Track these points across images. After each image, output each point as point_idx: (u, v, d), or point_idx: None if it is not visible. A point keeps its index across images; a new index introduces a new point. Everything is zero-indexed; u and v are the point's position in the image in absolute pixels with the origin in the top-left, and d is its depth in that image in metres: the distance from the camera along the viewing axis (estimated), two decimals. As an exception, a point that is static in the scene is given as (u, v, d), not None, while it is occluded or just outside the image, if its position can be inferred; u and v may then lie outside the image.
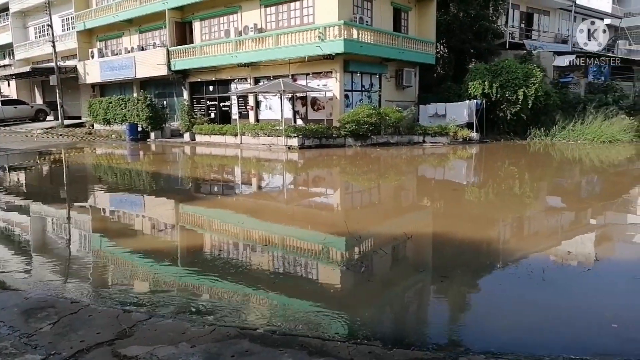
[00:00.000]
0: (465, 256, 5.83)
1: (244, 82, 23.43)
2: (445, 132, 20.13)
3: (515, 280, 4.88)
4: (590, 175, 13.17)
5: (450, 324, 3.98)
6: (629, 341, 3.52)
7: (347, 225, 7.01)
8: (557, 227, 7.62)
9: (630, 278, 5.03)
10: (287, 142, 19.00)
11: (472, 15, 24.59)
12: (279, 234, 7.06)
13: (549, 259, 5.70)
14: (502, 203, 9.39)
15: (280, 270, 5.23)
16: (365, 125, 19.26)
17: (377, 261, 5.66)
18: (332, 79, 20.29)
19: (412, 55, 22.10)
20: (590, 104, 22.11)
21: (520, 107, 20.76)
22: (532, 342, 3.48)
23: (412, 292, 4.80)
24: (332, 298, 4.41)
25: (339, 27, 18.59)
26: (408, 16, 23.22)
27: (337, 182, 12.65)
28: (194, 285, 4.79)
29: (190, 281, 4.88)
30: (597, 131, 20.42)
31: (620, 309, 4.14)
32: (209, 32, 24.50)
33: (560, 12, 32.11)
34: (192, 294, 4.57)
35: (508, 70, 21.08)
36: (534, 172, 13.56)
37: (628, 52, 34.95)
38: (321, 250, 6.13)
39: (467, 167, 15.56)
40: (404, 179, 12.80)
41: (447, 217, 8.27)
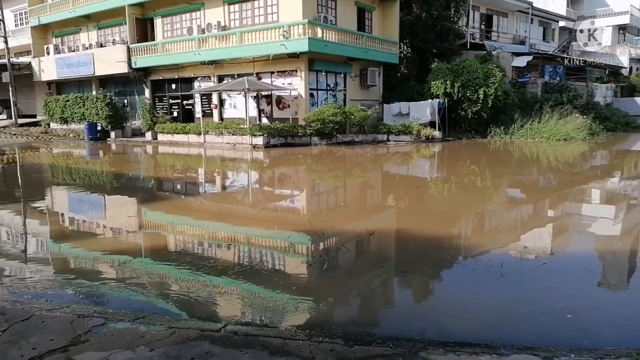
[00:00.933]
0: (427, 251, 5.94)
1: (207, 80, 23.09)
2: (408, 131, 20.44)
3: (475, 275, 5.00)
4: (547, 172, 13.64)
5: (411, 319, 4.03)
6: (582, 330, 3.66)
7: (311, 223, 7.02)
8: (516, 222, 7.85)
9: (583, 270, 5.24)
10: (252, 140, 18.85)
11: (434, 16, 25.06)
12: (243, 233, 7.00)
13: (507, 254, 5.86)
14: (463, 199, 9.61)
15: (243, 270, 5.18)
16: (330, 124, 19.33)
17: (340, 258, 5.69)
18: (297, 78, 20.26)
19: (376, 55, 22.32)
20: (547, 103, 22.95)
21: (481, 106, 21.31)
22: (490, 334, 3.57)
23: (373, 288, 4.85)
24: (295, 296, 4.40)
25: (303, 25, 18.58)
26: (372, 16, 23.44)
27: (303, 181, 12.64)
28: (154, 287, 4.68)
29: (150, 284, 4.77)
30: (553, 129, 21.19)
31: (574, 300, 4.30)
32: (171, 30, 24.01)
33: (518, 14, 33.13)
34: (153, 296, 4.47)
35: (469, 70, 21.59)
36: (495, 170, 13.94)
37: (581, 54, 36.38)
38: (285, 249, 6.11)
39: (430, 165, 15.85)
40: (369, 177, 12.91)
41: (409, 214, 8.40)
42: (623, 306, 4.29)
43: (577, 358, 3.01)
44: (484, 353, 3.07)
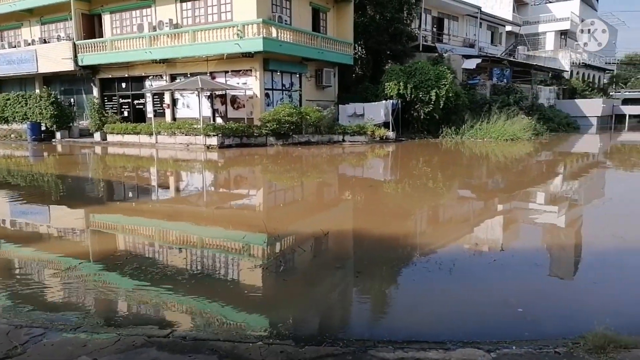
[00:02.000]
0: (381, 250, 6.02)
1: (159, 79, 22.51)
2: (363, 132, 20.69)
3: (427, 273, 5.11)
4: (497, 171, 14.16)
5: (363, 318, 4.08)
6: (534, 323, 3.80)
7: (265, 225, 6.98)
8: (467, 220, 8.10)
9: (532, 265, 5.46)
10: (206, 141, 18.53)
11: (387, 18, 25.47)
12: (195, 236, 6.86)
13: (459, 251, 6.03)
14: (416, 198, 9.82)
15: (195, 273, 5.07)
16: (286, 124, 19.29)
17: (295, 259, 5.68)
18: (252, 77, 20.09)
19: (331, 56, 22.46)
20: (495, 105, 23.84)
21: (433, 107, 21.85)
22: (442, 331, 3.66)
23: (328, 288, 4.86)
24: (248, 298, 4.36)
25: (257, 25, 18.44)
26: (327, 17, 23.57)
27: (258, 182, 12.54)
28: (100, 294, 4.51)
29: (96, 290, 4.58)
30: (501, 130, 22.03)
31: (525, 294, 4.47)
32: (120, 26, 23.23)
33: (468, 18, 34.22)
34: (97, 303, 4.30)
35: (421, 72, 22.10)
36: (446, 169, 14.33)
37: (527, 57, 38.04)
38: (239, 251, 6.03)
39: (384, 164, 16.10)
40: (324, 178, 12.97)
41: (364, 213, 8.49)
42: (568, 298, 4.50)
43: (518, 349, 3.13)
44: (431, 349, 3.14)
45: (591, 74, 44.37)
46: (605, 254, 5.87)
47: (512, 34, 40.25)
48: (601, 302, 4.33)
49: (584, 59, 41.64)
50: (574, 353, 3.03)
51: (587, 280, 5.00)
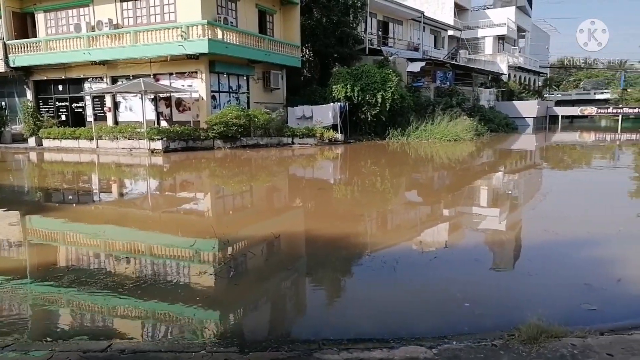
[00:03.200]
0: (330, 251, 6.05)
1: (99, 82, 21.61)
2: (312, 134, 20.77)
3: (374, 272, 5.19)
4: (441, 170, 14.61)
5: (311, 320, 4.08)
6: (481, 316, 3.93)
7: (214, 230, 6.85)
8: (412, 219, 8.30)
9: (473, 260, 5.66)
10: (150, 145, 17.97)
11: (334, 21, 25.72)
12: (142, 243, 6.61)
13: (403, 250, 6.16)
14: (364, 199, 9.96)
15: (138, 282, 4.88)
16: (234, 126, 19.04)
17: (245, 263, 5.60)
18: (197, 80, 19.70)
19: (279, 58, 22.41)
20: (438, 106, 24.61)
21: (380, 109, 22.27)
22: (387, 329, 3.71)
23: (277, 292, 4.83)
24: (195, 306, 4.24)
25: (202, 26, 18.12)
26: (273, 19, 23.50)
27: (206, 186, 12.30)
28: (35, 308, 4.25)
29: (31, 305, 4.32)
30: (445, 131, 22.78)
31: (470, 288, 4.62)
32: (55, 26, 22.11)
33: (412, 22, 35.16)
34: (31, 318, 4.05)
35: (368, 75, 22.48)
36: (393, 169, 14.64)
37: (468, 61, 39.56)
38: (186, 258, 5.88)
39: (333, 166, 16.23)
40: (274, 180, 12.90)
41: (315, 216, 8.52)
42: (505, 291, 4.70)
43: (458, 344, 3.23)
44: (376, 348, 3.18)
45: (527, 77, 46.75)
46: (539, 247, 6.18)
47: (454, 38, 41.74)
48: (536, 294, 4.56)
49: (520, 63, 43.83)
50: (509, 344, 3.17)
51: (523, 274, 5.25)
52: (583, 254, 5.73)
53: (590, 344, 3.14)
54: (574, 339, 3.22)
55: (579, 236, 6.49)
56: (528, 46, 50.23)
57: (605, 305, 4.13)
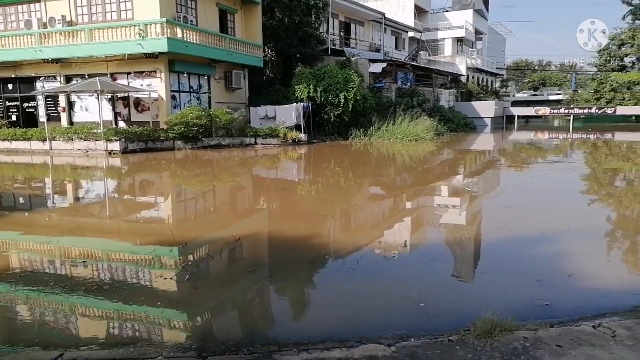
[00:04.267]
0: (292, 253, 6.03)
1: (53, 81, 20.82)
2: (275, 134, 20.69)
3: (334, 273, 5.21)
4: (402, 169, 14.84)
5: (270, 322, 4.06)
6: (435, 316, 3.98)
7: (172, 234, 6.70)
8: (374, 218, 8.38)
9: (428, 259, 5.77)
10: (107, 146, 17.43)
11: (296, 22, 25.70)
12: (96, 249, 6.39)
13: (364, 250, 6.20)
14: (327, 199, 9.99)
15: (94, 289, 4.71)
16: (194, 127, 18.73)
17: (204, 267, 5.51)
18: (156, 79, 19.27)
19: (240, 58, 22.20)
20: (400, 107, 25.00)
21: (342, 109, 22.41)
22: (347, 329, 3.73)
23: (237, 295, 4.78)
24: (151, 312, 4.14)
25: (161, 24, 17.75)
26: (234, 18, 23.25)
27: (165, 188, 12.03)
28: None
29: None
30: (406, 131, 23.17)
31: (425, 288, 4.70)
32: (4, 22, 21.16)
33: (373, 23, 35.58)
34: (-26, 330, 3.84)
35: (330, 75, 22.58)
36: (356, 169, 14.75)
37: (428, 62, 40.38)
38: (143, 262, 5.73)
39: (297, 167, 16.22)
40: (236, 181, 12.77)
41: (277, 217, 8.48)
42: (461, 287, 4.81)
43: (416, 341, 3.29)
44: (335, 348, 3.19)
45: (484, 78, 48.16)
46: (494, 245, 6.37)
47: (415, 39, 42.50)
48: (490, 289, 4.69)
49: (477, 64, 45.09)
50: (464, 339, 3.24)
51: (479, 271, 5.39)
52: (536, 251, 5.94)
53: (541, 336, 3.26)
54: (526, 332, 3.33)
55: (533, 233, 6.72)
56: (485, 48, 51.77)
57: (556, 300, 4.29)
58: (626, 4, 42.58)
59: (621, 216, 8.36)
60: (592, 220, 7.69)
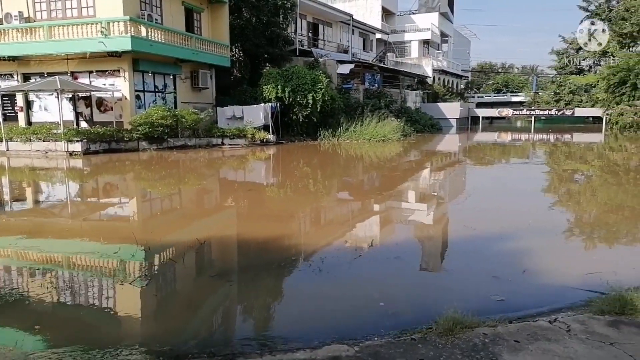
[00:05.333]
0: (257, 255, 5.99)
1: (9, 79, 20.02)
2: (243, 135, 20.52)
3: (299, 274, 5.20)
4: (370, 170, 14.96)
5: (233, 326, 4.01)
6: (394, 315, 4.02)
7: (135, 237, 6.54)
8: (341, 218, 8.41)
9: (393, 259, 5.83)
10: (68, 147, 16.88)
11: (264, 22, 25.56)
12: (52, 253, 6.17)
13: (330, 251, 6.21)
14: (294, 200, 9.97)
15: (47, 296, 4.55)
16: (160, 127, 18.37)
17: (166, 271, 5.40)
18: (120, 78, 18.80)
19: (207, 57, 21.91)
20: (367, 108, 25.21)
21: (311, 110, 22.43)
22: (311, 330, 3.72)
23: (200, 299, 4.70)
24: (109, 318, 4.03)
25: (124, 22, 17.31)
26: (201, 17, 22.93)
27: (129, 190, 11.75)
28: None
29: None
30: (373, 132, 23.38)
31: (386, 287, 4.74)
32: (-44, 17, 20.14)
33: (341, 25, 35.77)
34: None
35: (298, 76, 22.56)
36: (324, 170, 14.79)
37: (395, 63, 40.89)
38: (102, 267, 5.56)
39: (265, 167, 16.12)
40: (202, 183, 12.58)
41: (243, 219, 8.40)
42: (426, 286, 4.88)
43: (379, 340, 3.31)
44: (299, 349, 3.18)
45: (450, 80, 49.14)
46: (457, 243, 6.50)
47: (382, 41, 42.97)
48: (453, 287, 4.78)
49: (443, 66, 45.96)
50: (427, 337, 3.29)
51: (442, 269, 5.49)
52: (497, 248, 6.09)
53: (500, 332, 3.34)
54: (486, 328, 3.41)
55: (494, 231, 6.89)
56: (451, 51, 52.84)
57: (514, 295, 4.41)
58: (583, 9, 44.29)
59: (578, 214, 8.68)
60: (550, 218, 7.94)
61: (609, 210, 8.89)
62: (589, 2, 43.72)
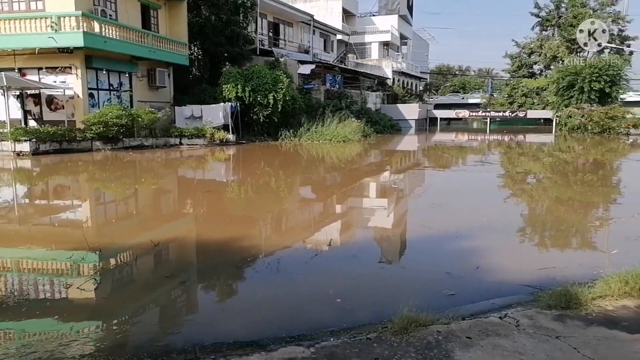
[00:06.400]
0: (213, 256, 5.89)
1: (-50, 75, 18.83)
2: (202, 134, 20.17)
3: (255, 275, 5.14)
4: (331, 170, 15.01)
5: (187, 329, 3.91)
6: (350, 311, 4.06)
7: (86, 240, 6.29)
8: (299, 218, 8.39)
9: (350, 256, 5.86)
10: (15, 147, 16.09)
11: (223, 20, 25.21)
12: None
13: (287, 251, 6.18)
14: (252, 200, 9.87)
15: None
16: (115, 127, 17.79)
17: (118, 274, 5.23)
18: (72, 76, 18.09)
19: (165, 55, 21.40)
20: (328, 109, 25.30)
21: (272, 110, 22.29)
22: (267, 332, 3.67)
23: (151, 302, 4.57)
24: (57, 324, 3.85)
25: (76, 18, 16.69)
26: (158, 14, 22.36)
27: (81, 192, 11.31)
28: None
29: None
30: (334, 132, 23.47)
31: (342, 284, 4.76)
32: None
33: (302, 25, 35.75)
34: None
35: (258, 75, 22.37)
36: (285, 170, 14.72)
37: (356, 65, 41.23)
38: (50, 271, 5.32)
39: (224, 168, 15.90)
40: (158, 184, 12.26)
41: (200, 220, 8.25)
42: (383, 284, 4.91)
43: (335, 340, 3.31)
44: (254, 352, 3.14)
45: (409, 82, 50.00)
46: (415, 241, 6.62)
47: (343, 42, 43.23)
48: (410, 284, 4.86)
49: (403, 68, 46.72)
50: (382, 337, 3.31)
51: (399, 267, 5.57)
52: (453, 246, 6.23)
53: (453, 329, 3.41)
54: (440, 325, 3.46)
55: (450, 229, 7.04)
56: (410, 53, 53.75)
57: (468, 292, 4.51)
58: (534, 16, 46.12)
59: (529, 212, 9.00)
60: (504, 216, 8.20)
61: (559, 208, 9.27)
62: (540, 9, 45.57)
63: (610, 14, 42.60)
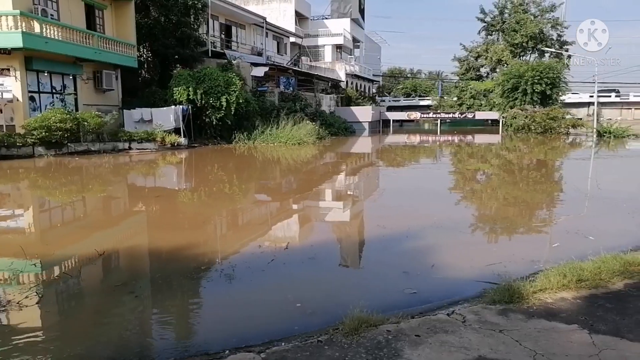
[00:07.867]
0: (163, 265, 5.72)
1: None
2: (152, 138, 19.62)
3: (208, 283, 5.04)
4: (286, 172, 14.96)
5: (135, 340, 3.78)
6: (311, 315, 4.05)
7: (24, 251, 5.96)
8: (254, 222, 8.30)
9: (307, 259, 5.85)
10: (-53, 154, 15.07)
11: (173, 21, 24.63)
12: None
13: (242, 256, 6.10)
14: (204, 205, 9.68)
15: None
16: (59, 131, 16.99)
17: (59, 286, 4.98)
18: (10, 78, 17.13)
19: (111, 57, 20.67)
20: (283, 111, 25.24)
21: (225, 113, 21.96)
22: (218, 339, 3.60)
23: (96, 314, 4.38)
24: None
25: (14, 17, 15.85)
26: (104, 15, 21.58)
27: (21, 199, 10.73)
28: None
29: None
30: (289, 134, 23.43)
31: (301, 288, 4.74)
32: None
33: (255, 27, 35.51)
34: None
35: (211, 78, 22.00)
36: (239, 174, 14.54)
37: (309, 67, 41.36)
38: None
39: (175, 172, 15.53)
40: (106, 190, 11.81)
41: (151, 227, 8.01)
42: (336, 285, 4.93)
43: (286, 345, 3.29)
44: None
45: (362, 84, 50.67)
46: (371, 242, 6.70)
47: (296, 45, 43.27)
48: (367, 284, 4.91)
49: (356, 71, 47.31)
50: (333, 339, 3.32)
51: (355, 268, 5.62)
52: (408, 245, 6.35)
53: (403, 328, 3.47)
54: (390, 325, 3.51)
55: (404, 229, 7.17)
56: (363, 56, 54.54)
57: (422, 289, 4.61)
58: (480, 20, 47.85)
59: (479, 211, 9.32)
60: (455, 214, 8.44)
61: (506, 206, 9.64)
62: (486, 14, 47.32)
63: (550, 20, 44.79)
